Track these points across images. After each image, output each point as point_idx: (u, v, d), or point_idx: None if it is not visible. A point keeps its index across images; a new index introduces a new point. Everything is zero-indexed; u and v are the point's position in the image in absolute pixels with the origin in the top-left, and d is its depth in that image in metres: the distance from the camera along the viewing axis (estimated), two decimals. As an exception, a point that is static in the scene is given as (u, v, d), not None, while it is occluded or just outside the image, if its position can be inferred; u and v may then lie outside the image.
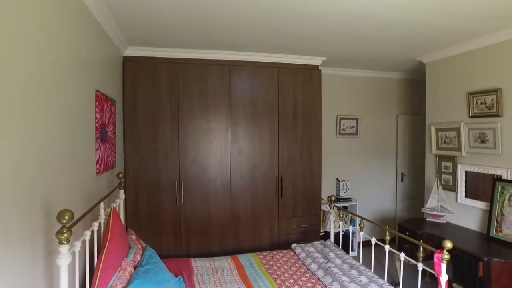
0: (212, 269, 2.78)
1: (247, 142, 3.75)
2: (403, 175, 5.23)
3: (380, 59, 4.13)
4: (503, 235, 3.00)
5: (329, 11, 2.55)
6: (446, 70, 3.71)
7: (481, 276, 2.68)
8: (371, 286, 2.34)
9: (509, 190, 3.01)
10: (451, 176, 3.66)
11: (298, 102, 3.92)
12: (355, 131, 4.94)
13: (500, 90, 3.09)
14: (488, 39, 3.16)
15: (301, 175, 3.94)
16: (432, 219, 3.68)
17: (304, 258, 2.98)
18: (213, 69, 3.65)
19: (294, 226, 3.91)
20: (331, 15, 2.63)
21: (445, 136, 3.68)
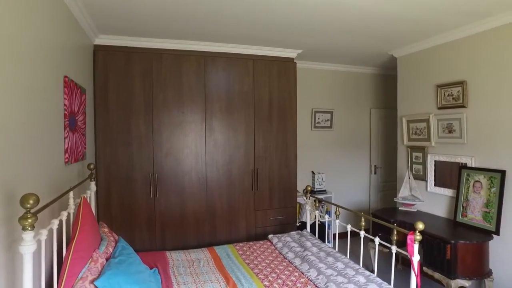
0: (188, 261, 2.74)
1: (223, 134, 3.72)
2: (376, 168, 5.37)
3: (354, 52, 4.21)
4: (468, 219, 3.15)
5: (304, 1, 2.57)
6: (416, 64, 3.84)
7: (449, 258, 2.80)
8: (347, 271, 2.38)
9: (473, 177, 3.15)
10: (421, 166, 3.79)
11: (274, 94, 3.93)
12: (329, 125, 5.02)
13: (465, 82, 3.23)
14: (454, 34, 3.29)
15: (277, 167, 3.95)
16: (404, 208, 3.80)
17: (281, 248, 2.99)
18: (188, 60, 3.59)
19: (270, 218, 3.93)
20: (306, 5, 2.65)
21: (416, 127, 3.81)
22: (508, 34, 2.88)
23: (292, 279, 2.39)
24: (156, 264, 2.57)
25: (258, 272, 2.52)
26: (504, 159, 2.94)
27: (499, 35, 2.95)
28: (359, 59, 4.60)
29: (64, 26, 2.31)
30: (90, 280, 1.74)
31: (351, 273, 2.35)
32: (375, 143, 5.36)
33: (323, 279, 2.32)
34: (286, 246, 3.01)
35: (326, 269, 2.45)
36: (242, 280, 2.37)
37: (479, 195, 3.08)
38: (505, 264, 2.93)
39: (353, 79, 5.17)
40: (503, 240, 2.92)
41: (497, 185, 2.95)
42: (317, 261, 2.58)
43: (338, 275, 2.34)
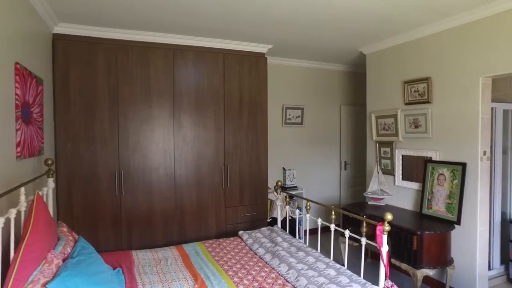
0: (155, 259, 2.63)
1: (192, 129, 3.62)
2: (346, 164, 5.45)
3: (324, 49, 4.23)
4: (433, 211, 3.24)
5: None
6: (384, 60, 3.92)
7: (415, 249, 2.87)
8: (318, 265, 2.37)
9: (437, 170, 3.25)
10: (389, 161, 3.87)
11: (244, 89, 3.87)
12: (300, 121, 5.03)
13: (430, 78, 3.32)
14: (420, 31, 3.37)
15: (248, 163, 3.90)
16: (373, 202, 3.86)
17: (252, 244, 2.94)
18: (156, 53, 3.46)
19: (241, 215, 3.87)
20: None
21: (384, 123, 3.89)
22: (468, 33, 2.98)
23: (263, 275, 2.35)
24: (120, 264, 2.44)
25: (227, 269, 2.45)
26: (465, 152, 3.05)
27: (460, 34, 3.05)
28: (330, 56, 4.64)
29: (16, 10, 2.14)
30: (42, 283, 1.61)
31: (322, 267, 2.34)
32: (345, 139, 5.44)
33: (293, 273, 2.29)
34: (256, 242, 2.96)
35: (296, 263, 2.43)
36: (211, 277, 2.29)
37: (443, 187, 3.18)
38: (464, 251, 3.04)
39: (324, 76, 5.22)
40: (463, 229, 3.03)
41: (458, 177, 3.05)
42: (288, 256, 2.55)
43: (309, 269, 2.31)
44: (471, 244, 3.00)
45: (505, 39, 2.72)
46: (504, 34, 2.73)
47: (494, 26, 2.80)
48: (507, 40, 2.71)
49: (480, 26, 2.89)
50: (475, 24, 2.93)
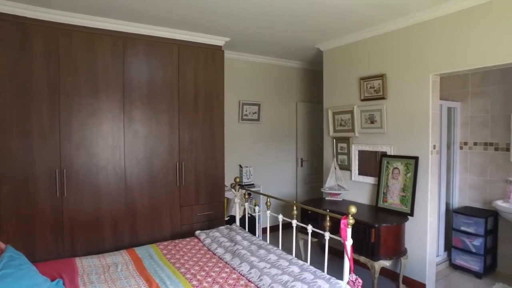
0: (103, 266, 2.37)
1: (144, 124, 3.36)
2: (302, 160, 5.48)
3: (282, 44, 4.19)
4: (388, 204, 3.33)
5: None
6: (341, 57, 3.97)
7: (373, 241, 2.91)
8: (280, 263, 2.29)
9: (392, 164, 3.35)
10: (346, 156, 3.93)
11: (200, 84, 3.70)
12: (257, 117, 4.96)
13: (385, 75, 3.41)
14: (376, 29, 3.45)
15: (204, 160, 3.73)
16: (331, 197, 3.89)
17: (210, 244, 2.79)
18: (103, 40, 3.16)
19: (197, 214, 3.69)
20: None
21: (341, 119, 3.94)
22: (420, 32, 3.10)
23: (223, 276, 2.21)
24: (60, 274, 2.16)
25: (185, 271, 2.28)
26: (417, 146, 3.16)
27: (413, 32, 3.16)
28: (287, 52, 4.62)
29: None
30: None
31: (285, 264, 2.26)
32: (301, 136, 5.47)
33: (256, 272, 2.18)
34: (215, 241, 2.82)
35: (258, 262, 2.33)
36: (167, 281, 2.11)
37: (397, 181, 3.28)
38: (416, 241, 3.16)
39: (281, 72, 5.20)
40: (416, 221, 3.14)
41: (412, 171, 3.16)
42: (249, 255, 2.45)
43: (272, 267, 2.23)
44: (422, 234, 3.12)
45: (450, 39, 2.87)
46: (449, 34, 2.88)
47: (441, 27, 2.93)
48: (452, 41, 2.86)
49: (430, 26, 3.02)
50: (427, 23, 3.05)
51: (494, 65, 2.67)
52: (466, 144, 3.82)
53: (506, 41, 2.55)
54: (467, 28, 2.77)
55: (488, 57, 2.65)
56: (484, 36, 2.67)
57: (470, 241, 3.46)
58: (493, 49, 2.62)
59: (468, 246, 3.48)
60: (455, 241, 3.59)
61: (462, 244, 3.53)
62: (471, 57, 2.76)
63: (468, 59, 2.77)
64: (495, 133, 3.60)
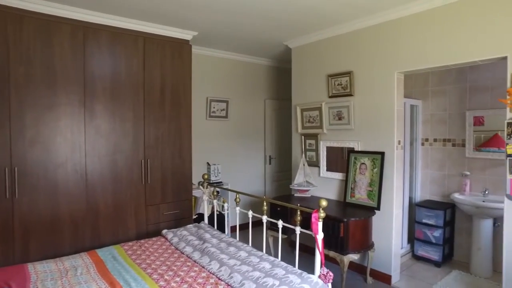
0: (60, 271, 2.20)
1: (107, 120, 3.19)
2: (270, 158, 5.48)
3: (251, 40, 4.15)
4: (356, 199, 3.40)
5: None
6: (309, 54, 4.00)
7: (342, 235, 2.95)
8: (251, 259, 2.24)
9: (359, 159, 3.42)
10: (314, 153, 3.97)
11: (167, 78, 3.57)
12: (225, 114, 4.88)
13: (352, 72, 3.48)
14: (344, 27, 3.50)
15: (170, 158, 3.61)
16: (299, 194, 3.90)
17: (177, 243, 2.69)
18: (61, 29, 2.94)
19: (164, 213, 3.56)
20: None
21: (309, 115, 3.97)
22: (386, 30, 3.19)
23: (192, 275, 2.13)
24: (9, 283, 1.97)
25: (151, 272, 2.17)
26: (383, 142, 3.25)
27: (379, 31, 3.25)
28: (256, 49, 4.59)
29: None
30: None
31: (256, 261, 2.22)
32: (269, 134, 5.47)
33: (226, 270, 2.12)
34: (183, 240, 2.72)
35: (228, 259, 2.27)
36: (132, 283, 1.99)
37: (364, 176, 3.35)
38: (383, 234, 3.25)
39: (249, 69, 5.17)
40: (382, 214, 3.23)
41: (378, 166, 3.24)
42: (218, 252, 2.38)
43: (242, 264, 2.18)
44: (388, 227, 3.21)
45: (414, 38, 2.98)
46: (413, 34, 2.98)
47: (406, 26, 3.03)
48: (416, 40, 2.96)
49: (396, 25, 3.11)
50: (392, 22, 3.14)
51: (453, 64, 2.79)
52: (427, 140, 4.00)
53: (465, 41, 2.68)
54: (429, 28, 2.88)
55: (449, 56, 2.78)
56: (445, 36, 2.79)
57: (431, 232, 3.62)
58: (453, 48, 2.75)
59: (429, 237, 3.63)
60: (417, 233, 3.74)
61: (423, 236, 3.68)
62: (433, 56, 2.87)
63: (430, 58, 2.89)
64: (452, 130, 3.79)
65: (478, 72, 3.58)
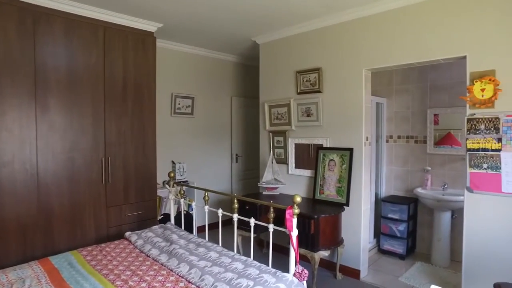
0: (3, 284, 1.95)
1: (62, 115, 2.92)
2: (237, 156, 5.39)
3: (218, 34, 4.03)
4: (325, 196, 3.41)
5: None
6: (278, 50, 3.96)
7: (313, 232, 2.93)
8: (222, 260, 2.14)
9: (328, 156, 3.43)
10: (283, 150, 3.93)
11: (129, 72, 3.35)
12: (190, 111, 4.72)
13: (321, 69, 3.48)
14: (313, 23, 3.50)
15: (134, 155, 3.40)
16: (268, 192, 3.85)
17: (142, 245, 2.52)
18: (5, 12, 2.64)
19: (126, 214, 3.34)
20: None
21: (277, 112, 3.93)
22: (354, 28, 3.22)
23: (160, 279, 1.99)
24: None
25: (114, 278, 2.00)
26: (351, 138, 3.28)
27: (347, 28, 3.27)
28: (223, 44, 4.48)
29: None
30: None
31: (227, 261, 2.12)
32: (236, 131, 5.38)
33: (197, 272, 2.00)
34: (148, 242, 2.55)
35: (198, 261, 2.15)
36: (93, 292, 1.82)
37: (333, 173, 3.37)
38: (352, 230, 3.28)
39: (216, 66, 5.04)
40: (351, 210, 3.26)
41: (347, 162, 3.27)
42: (187, 254, 2.25)
43: (214, 266, 2.07)
44: (357, 223, 3.25)
45: (382, 36, 3.03)
46: (380, 32, 3.04)
47: (374, 24, 3.08)
48: (383, 38, 3.02)
49: (364, 23, 3.15)
50: (361, 20, 3.17)
51: (418, 62, 2.88)
52: (391, 137, 4.12)
53: (429, 41, 2.76)
54: (396, 27, 2.94)
55: (414, 55, 2.86)
56: (411, 35, 2.86)
57: (396, 226, 3.72)
58: (418, 47, 2.83)
59: (394, 231, 3.74)
60: (383, 227, 3.84)
61: (389, 230, 3.78)
62: (399, 54, 2.94)
63: (397, 56, 2.95)
64: (415, 127, 3.93)
65: (437, 72, 3.74)
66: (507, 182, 2.45)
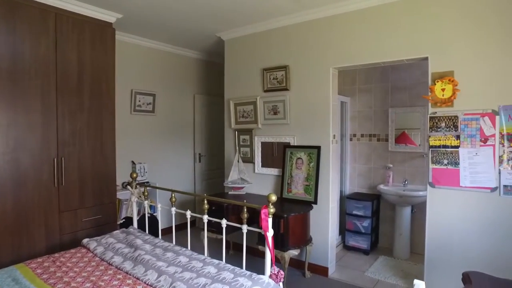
0: None
1: (3, 109, 2.59)
2: (200, 156, 5.23)
3: (181, 29, 3.85)
4: (293, 194, 3.39)
5: None
6: (244, 47, 3.88)
7: (282, 232, 2.89)
8: (193, 264, 2.02)
9: (296, 154, 3.42)
10: (249, 148, 3.86)
11: (86, 64, 3.09)
12: (151, 109, 4.49)
13: (288, 67, 3.46)
14: (281, 20, 3.46)
15: (91, 155, 3.14)
16: (234, 191, 3.76)
17: (103, 253, 2.31)
18: None
19: (82, 220, 3.07)
20: None
21: (243, 110, 3.85)
22: (321, 26, 3.24)
23: (125, 289, 1.82)
24: None
25: (72, 291, 1.80)
26: (319, 136, 3.29)
27: (315, 26, 3.28)
28: (186, 39, 4.31)
29: None
30: None
31: (199, 266, 2.00)
32: (199, 130, 5.21)
33: (166, 279, 1.86)
34: (109, 249, 2.35)
35: (167, 267, 2.01)
36: (48, 308, 1.61)
37: (301, 171, 3.36)
38: (320, 228, 3.29)
39: (178, 62, 4.84)
40: (319, 208, 3.27)
41: (314, 160, 3.28)
42: (154, 260, 2.10)
43: (184, 271, 1.94)
44: (324, 220, 3.27)
45: (348, 36, 3.08)
46: (347, 31, 3.08)
47: (341, 23, 3.12)
48: (350, 37, 3.07)
49: (331, 21, 3.18)
50: (328, 19, 3.19)
51: (383, 62, 2.96)
52: (355, 136, 4.22)
53: (394, 41, 2.85)
54: (363, 27, 3.00)
55: (380, 54, 2.93)
56: (377, 35, 2.93)
57: (360, 223, 3.81)
58: (383, 47, 2.90)
59: (359, 227, 3.82)
60: (348, 224, 3.91)
61: (353, 227, 3.86)
62: (365, 53, 3.00)
63: (363, 55, 3.01)
64: (377, 126, 4.06)
65: (398, 73, 3.89)
66: (464, 177, 2.58)
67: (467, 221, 2.56)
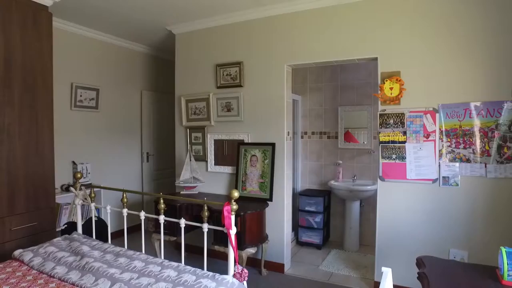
0: None
1: None
2: (148, 155, 4.97)
3: (128, 19, 3.60)
4: (248, 192, 3.36)
5: None
6: (196, 42, 3.75)
7: (239, 230, 2.83)
8: (150, 269, 1.88)
9: (250, 152, 3.39)
10: (201, 146, 3.74)
11: (15, 51, 2.73)
12: (95, 104, 4.15)
13: (242, 63, 3.42)
14: (234, 16, 3.41)
15: (23, 155, 2.78)
16: (186, 191, 3.62)
17: (42, 264, 2.05)
18: None
19: (12, 229, 2.70)
20: None
21: (195, 107, 3.72)
22: (276, 23, 3.25)
23: (73, 302, 1.63)
24: None
25: (7, 309, 1.56)
26: (273, 133, 3.30)
27: (270, 23, 3.28)
28: (133, 31, 4.04)
29: None
30: None
31: (156, 270, 1.87)
32: (147, 128, 4.95)
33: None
34: (49, 259, 2.10)
35: (121, 273, 1.84)
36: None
37: (255, 168, 3.34)
38: (275, 225, 3.30)
39: (125, 56, 4.54)
40: (275, 205, 3.28)
41: (269, 157, 3.28)
42: (106, 267, 1.91)
43: (141, 277, 1.80)
44: (280, 217, 3.28)
45: (302, 34, 3.13)
46: (301, 29, 3.14)
47: (295, 21, 3.16)
48: (304, 36, 3.13)
49: (286, 19, 3.20)
50: (283, 16, 3.22)
51: (336, 60, 3.06)
52: (306, 133, 4.31)
53: (346, 41, 2.96)
54: (317, 26, 3.07)
55: (333, 53, 3.02)
56: (330, 35, 3.02)
57: (313, 218, 3.91)
58: (336, 47, 3.00)
59: (311, 223, 3.91)
60: (301, 220, 3.98)
61: (306, 223, 3.94)
62: (319, 52, 3.07)
63: (317, 53, 3.08)
64: (327, 124, 4.20)
65: (347, 72, 4.05)
66: (410, 170, 2.76)
67: (413, 210, 2.74)
